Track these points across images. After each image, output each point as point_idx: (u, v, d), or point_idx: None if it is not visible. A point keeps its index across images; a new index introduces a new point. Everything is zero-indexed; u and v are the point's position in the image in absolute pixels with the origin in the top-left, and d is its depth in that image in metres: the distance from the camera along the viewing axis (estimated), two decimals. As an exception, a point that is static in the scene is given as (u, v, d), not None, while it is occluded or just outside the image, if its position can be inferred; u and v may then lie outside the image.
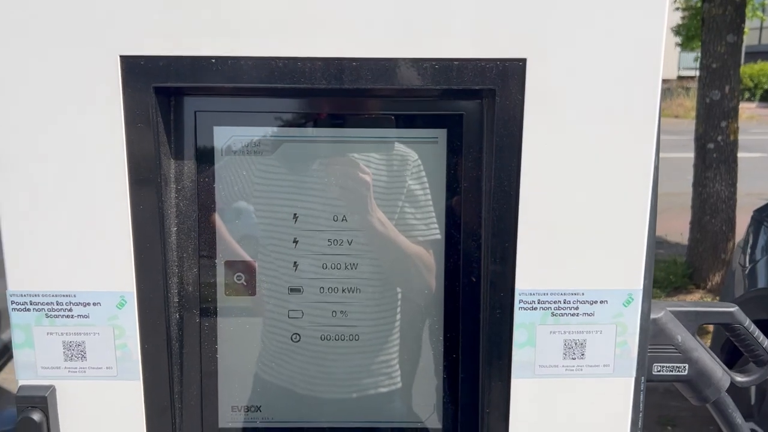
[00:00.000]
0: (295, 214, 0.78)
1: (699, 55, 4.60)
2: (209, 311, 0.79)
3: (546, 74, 0.70)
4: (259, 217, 0.79)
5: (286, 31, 0.69)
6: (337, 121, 0.77)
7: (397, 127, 0.77)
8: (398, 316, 0.82)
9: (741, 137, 4.64)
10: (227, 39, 0.69)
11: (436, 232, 0.79)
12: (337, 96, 0.75)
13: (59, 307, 0.74)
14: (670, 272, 4.80)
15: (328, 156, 0.78)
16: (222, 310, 0.80)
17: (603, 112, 0.71)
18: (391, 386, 0.83)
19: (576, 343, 0.76)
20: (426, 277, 0.80)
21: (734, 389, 0.92)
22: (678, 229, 5.53)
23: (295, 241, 0.79)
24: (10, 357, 3.48)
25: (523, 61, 0.69)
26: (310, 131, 0.77)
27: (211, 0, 0.68)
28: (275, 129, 0.77)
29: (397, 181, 0.78)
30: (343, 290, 0.80)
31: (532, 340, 0.75)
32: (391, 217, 0.79)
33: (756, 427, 2.33)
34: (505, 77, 0.70)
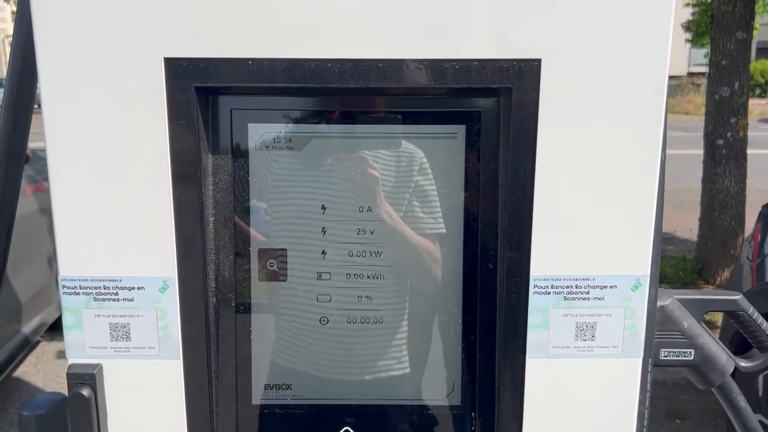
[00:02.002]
0: (323, 206, 0.84)
1: (709, 51, 4.61)
2: (243, 296, 0.85)
3: (559, 73, 0.74)
4: (289, 208, 0.84)
5: (317, 35, 0.74)
6: (362, 118, 0.82)
7: (419, 123, 0.82)
8: (415, 301, 0.87)
9: (752, 134, 4.64)
10: (263, 42, 0.74)
11: (442, 226, 0.84)
12: (363, 95, 0.80)
13: (106, 291, 0.79)
14: (679, 268, 4.81)
15: (352, 152, 0.83)
16: (255, 294, 0.85)
17: (612, 108, 0.75)
18: (415, 366, 0.88)
19: (587, 326, 0.81)
20: (432, 267, 0.85)
21: (743, 382, 0.96)
22: (687, 225, 5.54)
23: (323, 231, 0.84)
24: (30, 351, 3.56)
25: (538, 61, 0.74)
26: (338, 128, 0.82)
27: (247, 6, 0.73)
28: (306, 126, 0.82)
29: (405, 176, 0.83)
30: (368, 276, 0.85)
31: (545, 322, 0.80)
32: (398, 209, 0.84)
33: (764, 419, 2.35)
34: (521, 76, 0.74)
